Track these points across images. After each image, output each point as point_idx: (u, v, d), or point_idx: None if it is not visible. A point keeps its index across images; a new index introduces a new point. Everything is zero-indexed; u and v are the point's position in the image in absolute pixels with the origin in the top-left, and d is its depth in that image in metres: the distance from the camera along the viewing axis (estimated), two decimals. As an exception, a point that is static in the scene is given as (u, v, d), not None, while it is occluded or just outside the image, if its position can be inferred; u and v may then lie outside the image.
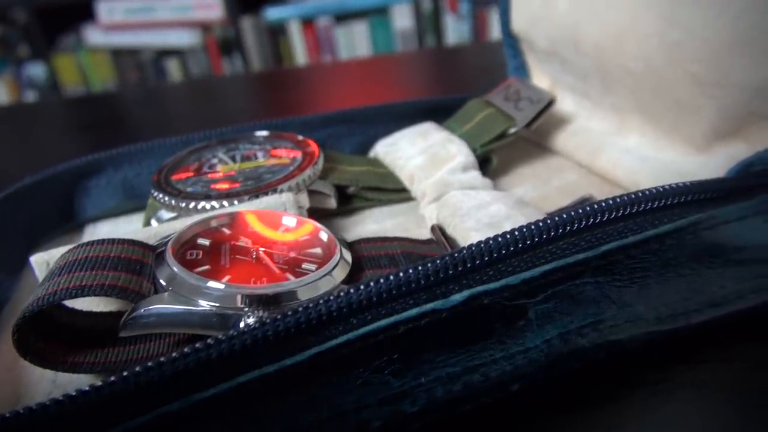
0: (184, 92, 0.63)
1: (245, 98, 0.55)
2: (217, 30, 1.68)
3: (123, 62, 1.72)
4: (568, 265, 0.16)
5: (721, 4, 0.19)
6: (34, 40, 1.66)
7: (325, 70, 0.71)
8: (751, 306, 0.18)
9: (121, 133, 0.45)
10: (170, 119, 0.50)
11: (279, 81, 0.58)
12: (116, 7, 1.64)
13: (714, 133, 0.21)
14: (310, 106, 0.47)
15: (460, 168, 0.24)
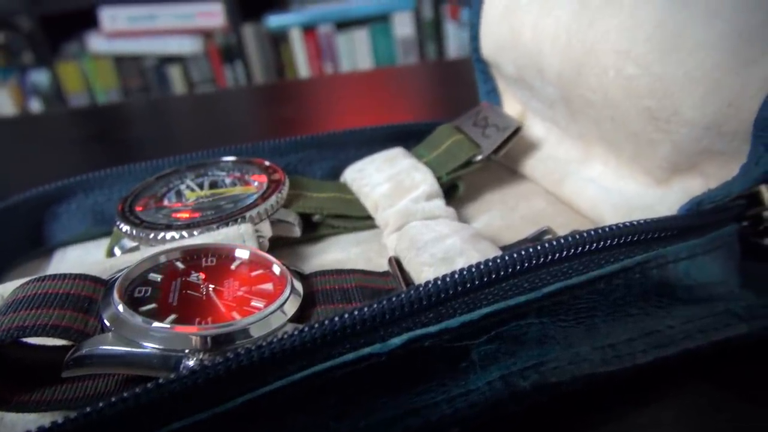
0: (187, 105, 0.63)
1: (249, 111, 0.56)
2: (219, 37, 1.69)
3: (125, 69, 1.73)
4: (509, 308, 0.16)
5: (673, 43, 0.20)
6: (38, 48, 1.68)
7: (328, 82, 0.71)
8: (698, 346, 0.17)
9: (124, 147, 0.45)
10: (174, 133, 0.50)
11: (282, 94, 0.59)
12: (119, 15, 1.66)
13: (671, 167, 0.21)
14: (314, 119, 0.47)
15: (424, 197, 0.24)
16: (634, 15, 0.21)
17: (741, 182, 0.18)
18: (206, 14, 1.67)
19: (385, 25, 1.59)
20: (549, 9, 0.24)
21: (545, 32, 0.24)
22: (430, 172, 0.25)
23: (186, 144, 0.45)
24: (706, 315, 0.18)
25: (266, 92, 0.66)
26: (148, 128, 0.52)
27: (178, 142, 0.46)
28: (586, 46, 0.22)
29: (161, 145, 0.45)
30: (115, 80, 1.76)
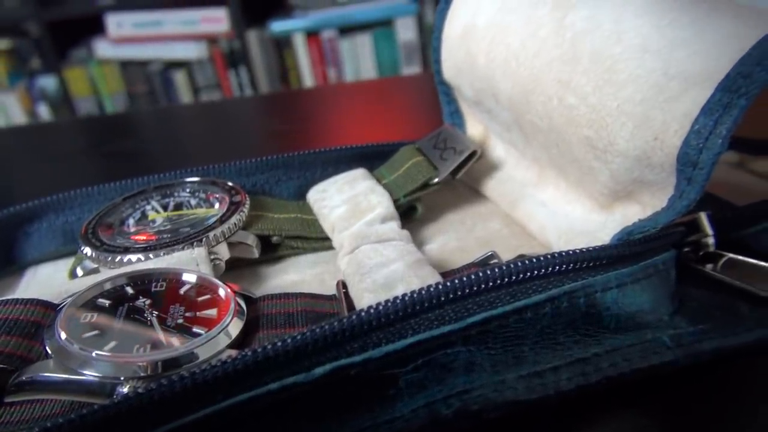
0: (194, 114, 0.64)
1: (254, 121, 0.56)
2: (223, 43, 1.70)
3: (131, 74, 1.75)
4: (433, 338, 0.17)
5: (608, 76, 0.20)
6: (45, 53, 1.70)
7: (333, 91, 0.72)
8: (622, 373, 0.18)
9: (130, 157, 0.47)
10: (181, 143, 0.51)
11: (287, 103, 0.59)
12: (125, 21, 1.68)
13: (611, 194, 0.22)
14: (318, 130, 0.48)
15: (379, 219, 0.25)
16: (575, 46, 0.22)
17: (667, 214, 0.19)
18: (211, 20, 1.68)
19: (388, 31, 1.59)
20: (502, 36, 0.25)
21: (498, 58, 0.25)
22: (386, 194, 0.26)
23: (191, 155, 0.46)
24: (634, 343, 0.19)
25: (271, 101, 0.67)
26: (153, 138, 0.53)
27: (183, 152, 0.47)
28: (533, 74, 0.23)
29: (166, 155, 0.46)
30: (121, 85, 1.78)
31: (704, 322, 0.20)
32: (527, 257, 0.19)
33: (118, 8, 1.65)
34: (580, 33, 0.22)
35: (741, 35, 0.18)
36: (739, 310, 0.20)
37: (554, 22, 0.23)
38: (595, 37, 0.21)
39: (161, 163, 0.44)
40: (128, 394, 0.14)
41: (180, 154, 0.46)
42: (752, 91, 0.17)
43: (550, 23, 0.23)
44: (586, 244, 0.21)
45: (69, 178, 0.42)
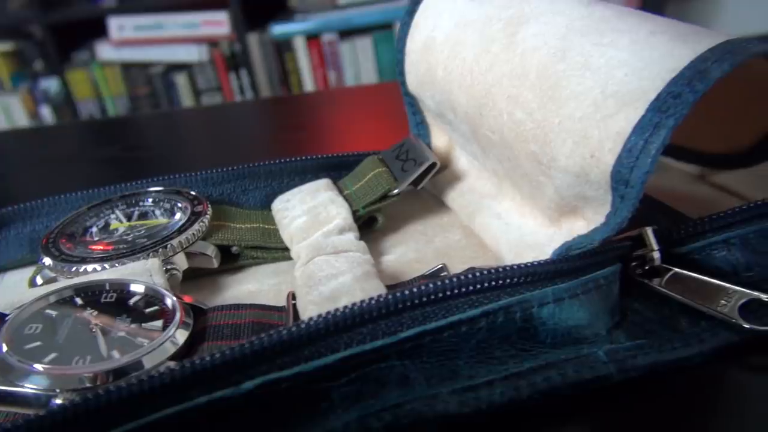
0: (196, 119, 0.64)
1: (257, 125, 0.57)
2: (224, 45, 1.71)
3: (133, 76, 1.77)
4: (364, 352, 0.17)
5: (552, 92, 0.20)
6: (48, 56, 1.72)
7: (335, 95, 0.72)
8: (556, 388, 0.18)
9: (132, 161, 0.47)
10: (183, 147, 0.52)
11: (289, 108, 0.60)
12: (126, 24, 1.69)
13: (557, 209, 0.22)
14: (321, 135, 0.48)
15: (337, 230, 0.25)
16: (523, 63, 0.22)
17: (602, 230, 0.19)
18: (212, 23, 1.69)
19: (388, 33, 1.60)
20: (458, 50, 0.25)
21: (454, 72, 0.25)
22: (346, 205, 0.26)
23: (189, 159, 0.47)
24: (569, 358, 0.19)
25: (273, 106, 0.67)
26: (155, 142, 0.54)
27: (182, 156, 0.48)
28: (485, 88, 0.23)
29: (168, 159, 0.47)
30: (123, 87, 1.80)
31: (643, 337, 0.20)
32: (477, 269, 0.19)
33: (120, 11, 1.66)
34: (529, 49, 0.22)
35: (675, 55, 0.18)
36: (679, 325, 0.20)
37: (506, 37, 0.23)
38: (542, 53, 0.21)
39: (158, 167, 0.45)
40: (55, 407, 0.15)
41: (178, 159, 0.47)
42: (680, 112, 0.17)
43: (503, 39, 0.23)
44: (534, 257, 0.22)
45: (67, 181, 0.43)
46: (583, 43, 0.20)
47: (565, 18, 0.22)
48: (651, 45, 0.19)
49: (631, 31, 0.20)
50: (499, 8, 0.24)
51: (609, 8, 0.22)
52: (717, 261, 0.22)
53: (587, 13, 0.22)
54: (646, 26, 0.20)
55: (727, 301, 0.20)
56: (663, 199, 0.27)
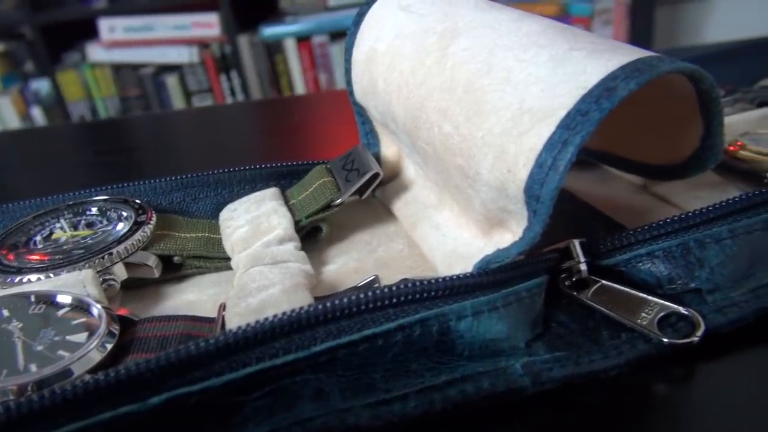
0: (187, 121, 0.65)
1: (247, 127, 0.57)
2: (215, 47, 1.71)
3: (124, 78, 1.77)
4: (275, 366, 0.17)
5: (476, 107, 0.21)
6: (39, 57, 1.72)
7: (326, 98, 0.72)
8: (471, 400, 0.18)
9: (125, 162, 0.48)
10: (174, 149, 0.52)
11: (280, 110, 0.60)
12: (117, 25, 1.69)
13: (486, 221, 0.22)
14: (311, 138, 0.49)
15: (277, 241, 0.25)
16: (453, 76, 0.22)
17: (519, 244, 0.19)
18: (202, 24, 1.69)
19: (378, 36, 1.59)
20: (396, 62, 0.25)
21: (393, 84, 0.25)
22: (288, 215, 0.27)
23: (180, 161, 0.47)
24: (486, 370, 0.19)
25: (264, 108, 0.68)
26: (146, 144, 0.54)
27: (171, 158, 0.48)
28: (419, 101, 0.24)
29: (158, 162, 0.47)
30: (113, 89, 1.80)
31: (563, 349, 0.20)
32: (410, 281, 0.19)
33: (110, 12, 1.66)
34: (458, 63, 0.22)
35: (588, 72, 0.18)
36: (600, 337, 0.21)
37: (439, 51, 0.23)
38: (470, 67, 0.22)
39: (145, 170, 0.45)
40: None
41: (167, 161, 0.47)
42: (587, 129, 0.17)
43: (436, 52, 0.23)
44: (463, 269, 0.22)
45: (57, 183, 0.43)
46: (507, 58, 0.21)
47: (494, 33, 0.22)
48: (568, 61, 0.19)
49: (552, 47, 0.20)
50: (436, 21, 0.25)
51: (538, 23, 0.22)
52: (642, 273, 0.22)
53: (515, 28, 0.22)
54: (567, 42, 0.20)
55: (647, 314, 0.20)
56: (606, 209, 0.28)
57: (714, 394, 0.19)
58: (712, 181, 0.27)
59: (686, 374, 0.20)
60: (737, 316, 0.20)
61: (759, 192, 0.22)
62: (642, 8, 1.50)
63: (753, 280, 0.21)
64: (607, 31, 1.55)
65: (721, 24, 1.63)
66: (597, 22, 1.54)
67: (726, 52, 0.41)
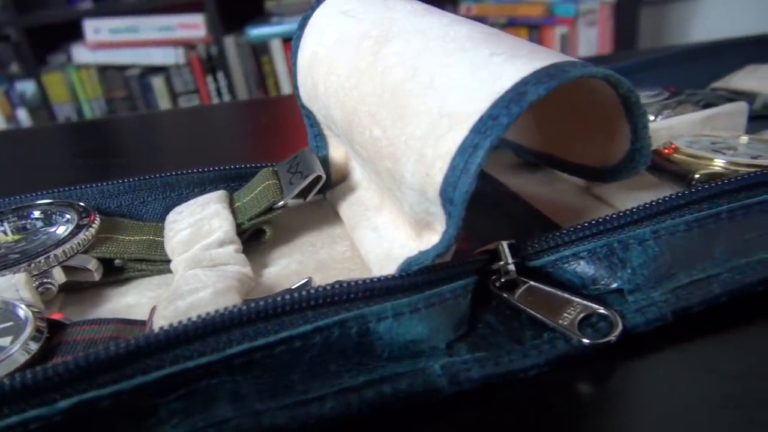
0: (173, 121, 0.65)
1: (234, 127, 0.57)
2: (201, 48, 1.71)
3: (110, 79, 1.76)
4: (188, 369, 0.17)
5: (401, 111, 0.21)
6: (24, 58, 1.71)
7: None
8: (387, 402, 0.19)
9: (112, 163, 0.48)
10: (160, 149, 0.52)
11: (266, 109, 0.60)
12: (102, 27, 1.69)
13: (416, 224, 0.22)
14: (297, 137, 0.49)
15: (216, 243, 0.26)
16: (383, 80, 0.22)
17: (437, 247, 0.19)
18: (188, 26, 1.69)
19: (364, 37, 1.59)
20: (335, 66, 0.25)
21: (331, 88, 0.26)
22: (230, 218, 0.27)
23: (167, 161, 0.47)
24: (405, 372, 0.19)
25: (250, 107, 0.68)
26: (128, 144, 0.54)
27: (158, 159, 0.48)
28: (353, 105, 0.24)
29: (144, 162, 0.47)
30: (99, 90, 1.79)
31: (484, 349, 0.20)
32: (344, 282, 0.19)
33: (95, 14, 1.66)
34: (388, 67, 0.22)
35: (504, 77, 0.19)
36: (523, 337, 0.21)
37: (372, 55, 0.24)
38: (398, 71, 0.22)
39: (131, 170, 0.45)
40: None
41: (155, 161, 0.47)
42: (495, 133, 0.18)
43: (369, 56, 0.24)
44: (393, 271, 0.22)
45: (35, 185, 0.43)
46: (433, 62, 0.21)
47: (423, 37, 0.22)
48: (487, 66, 0.20)
49: (475, 52, 0.21)
50: (372, 26, 0.25)
51: (467, 28, 0.23)
52: (568, 274, 0.22)
53: (443, 33, 0.22)
54: (489, 47, 0.21)
55: (569, 314, 0.21)
56: (547, 210, 0.28)
57: (632, 392, 0.19)
58: (650, 183, 0.27)
59: (606, 373, 0.20)
60: (655, 316, 0.20)
61: (682, 194, 0.22)
62: (627, 9, 1.51)
63: (674, 281, 0.21)
64: (592, 32, 1.56)
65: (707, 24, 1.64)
66: (582, 23, 1.55)
67: (684, 54, 0.41)
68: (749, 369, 0.19)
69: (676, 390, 0.19)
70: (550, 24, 1.55)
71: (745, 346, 0.20)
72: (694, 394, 0.18)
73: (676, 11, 1.68)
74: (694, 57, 0.41)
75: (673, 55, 0.42)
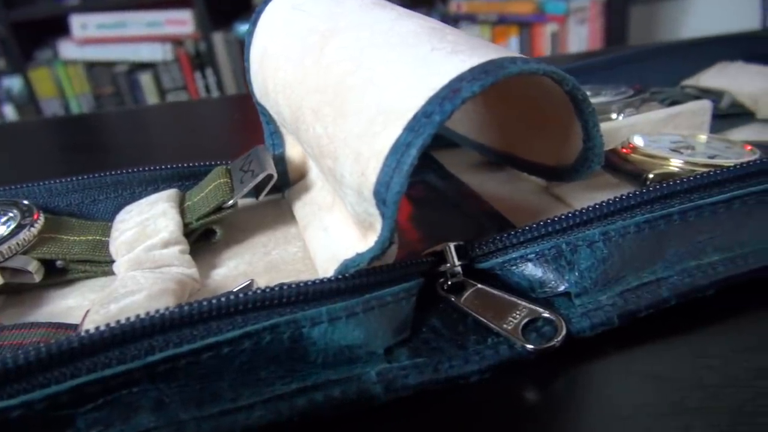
0: (160, 116, 0.64)
1: (221, 122, 0.57)
2: (189, 44, 1.70)
3: (97, 75, 1.75)
4: (105, 378, 0.17)
5: (342, 108, 0.20)
6: (11, 54, 1.69)
7: None
8: (318, 409, 0.18)
9: (99, 157, 0.47)
10: (148, 144, 0.51)
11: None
12: (89, 22, 1.67)
13: (360, 224, 0.22)
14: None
15: (161, 244, 0.25)
16: (326, 76, 0.22)
17: (372, 249, 0.19)
18: (176, 22, 1.68)
19: (354, 33, 1.58)
20: (282, 62, 0.25)
21: (279, 84, 0.25)
22: (176, 218, 0.26)
23: (154, 155, 0.46)
24: (339, 378, 0.19)
25: (239, 102, 0.67)
26: (119, 139, 0.54)
27: (146, 153, 0.48)
28: (298, 102, 0.23)
29: (129, 156, 0.46)
30: (87, 86, 1.78)
31: (425, 355, 0.20)
32: (286, 284, 0.19)
33: (82, 9, 1.64)
34: (331, 63, 0.22)
35: (441, 73, 0.18)
36: (467, 342, 0.20)
37: (318, 51, 0.23)
38: (340, 67, 0.21)
39: (118, 166, 0.44)
40: None
41: (143, 156, 0.47)
42: (428, 131, 0.17)
43: (315, 52, 0.23)
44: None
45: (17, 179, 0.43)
46: (375, 58, 0.20)
47: (369, 32, 0.22)
48: (427, 62, 0.19)
49: (417, 47, 0.20)
50: (320, 21, 0.24)
51: (414, 22, 0.22)
52: (516, 277, 0.21)
53: (389, 27, 0.22)
54: (431, 42, 0.20)
55: (514, 318, 0.20)
56: (505, 210, 0.27)
57: (575, 399, 0.19)
58: (608, 183, 0.27)
59: (550, 379, 0.19)
60: (601, 321, 0.20)
61: (633, 194, 0.21)
62: (617, 6, 1.51)
63: (622, 283, 0.21)
64: (583, 30, 1.55)
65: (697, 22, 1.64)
66: (572, 21, 1.54)
67: (655, 51, 0.41)
68: (692, 376, 0.18)
69: (618, 397, 0.18)
70: (541, 21, 1.54)
71: (691, 352, 0.19)
72: (636, 401, 0.18)
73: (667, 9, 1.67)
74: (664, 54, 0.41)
75: (645, 52, 0.41)
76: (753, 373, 0.18)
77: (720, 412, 0.17)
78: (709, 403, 0.17)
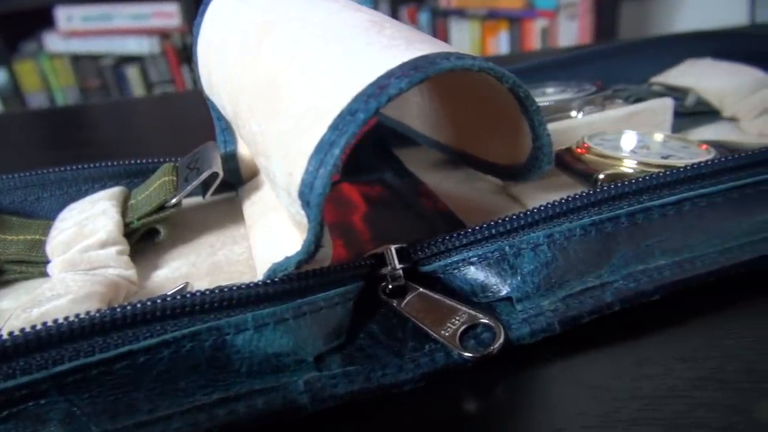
0: (146, 107, 0.63)
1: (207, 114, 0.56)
2: (176, 37, 1.68)
3: (83, 68, 1.73)
4: (8, 389, 0.16)
5: (274, 105, 0.19)
6: (-6, 47, 1.67)
7: None
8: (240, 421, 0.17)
9: (84, 149, 0.46)
10: (134, 136, 0.51)
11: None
12: (74, 14, 1.65)
13: (296, 225, 0.21)
14: None
15: (98, 245, 0.24)
16: (261, 72, 0.21)
17: (299, 253, 0.18)
18: (162, 14, 1.66)
19: (342, 27, 1.57)
20: (225, 56, 0.24)
21: (221, 79, 0.24)
22: (116, 218, 0.25)
23: (141, 148, 0.46)
24: (264, 388, 0.18)
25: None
26: (104, 131, 0.53)
27: (133, 145, 0.47)
28: (236, 97, 0.22)
29: (116, 148, 0.46)
30: (72, 79, 1.76)
31: (359, 363, 0.19)
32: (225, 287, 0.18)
33: (68, 1, 1.62)
34: (266, 58, 0.21)
35: (371, 69, 0.17)
36: (404, 349, 0.19)
37: (256, 44, 0.22)
38: (274, 62, 0.20)
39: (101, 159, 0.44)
40: None
41: (130, 148, 0.46)
42: (351, 130, 0.16)
43: (253, 45, 0.22)
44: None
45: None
46: (308, 52, 0.19)
47: (307, 25, 0.21)
48: (359, 56, 0.18)
49: (353, 41, 0.19)
50: (261, 13, 0.23)
51: (354, 16, 0.21)
52: (458, 281, 0.21)
53: (327, 20, 0.21)
54: (369, 36, 0.19)
55: (453, 324, 0.19)
56: (460, 210, 0.27)
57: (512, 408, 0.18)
58: (564, 183, 0.26)
59: (487, 388, 0.19)
60: (541, 327, 0.19)
61: (580, 195, 0.21)
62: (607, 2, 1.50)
63: (566, 288, 0.20)
64: (573, 26, 1.54)
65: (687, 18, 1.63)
66: (562, 16, 1.54)
67: (625, 47, 0.40)
68: (630, 386, 0.17)
69: (554, 407, 0.17)
70: (531, 17, 1.53)
71: (632, 360, 0.18)
72: (571, 412, 0.17)
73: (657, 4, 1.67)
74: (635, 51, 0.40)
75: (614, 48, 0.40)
76: (691, 383, 0.17)
77: (653, 424, 0.16)
78: (645, 414, 0.16)
